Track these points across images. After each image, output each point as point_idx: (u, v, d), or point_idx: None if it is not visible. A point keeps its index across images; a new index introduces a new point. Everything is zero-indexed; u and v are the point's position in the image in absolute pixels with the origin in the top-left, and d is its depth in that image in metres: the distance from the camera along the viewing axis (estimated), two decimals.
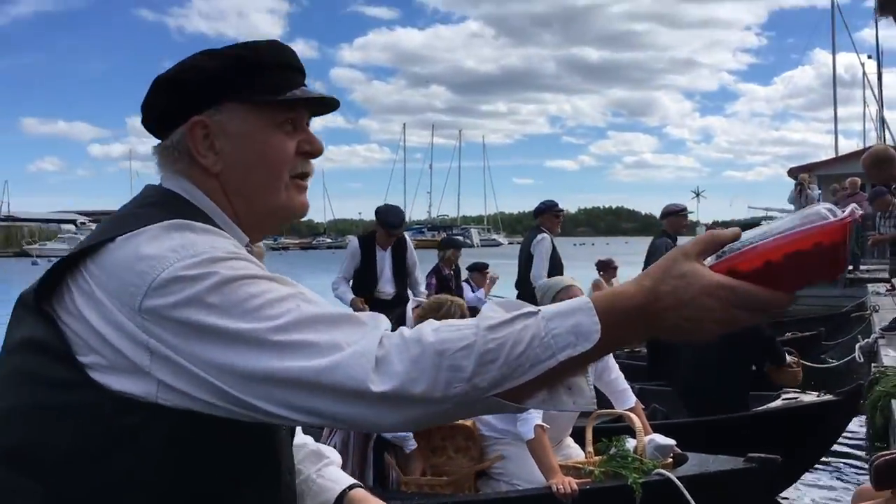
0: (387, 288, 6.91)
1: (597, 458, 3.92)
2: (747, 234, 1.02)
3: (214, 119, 1.26)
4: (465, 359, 1.00)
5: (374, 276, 6.84)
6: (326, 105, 1.34)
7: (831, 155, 33.01)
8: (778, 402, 5.33)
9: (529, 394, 1.05)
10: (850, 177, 16.13)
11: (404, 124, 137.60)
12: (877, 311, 8.01)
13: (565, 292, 4.05)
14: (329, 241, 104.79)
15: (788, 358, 5.75)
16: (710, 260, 1.03)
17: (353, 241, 7.23)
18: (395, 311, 5.82)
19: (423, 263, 7.36)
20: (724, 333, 1.03)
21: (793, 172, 20.79)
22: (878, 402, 3.98)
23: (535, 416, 3.74)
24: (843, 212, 0.99)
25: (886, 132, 37.07)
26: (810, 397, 5.24)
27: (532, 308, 1.05)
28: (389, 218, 6.95)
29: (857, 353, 7.22)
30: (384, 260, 6.87)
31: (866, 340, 7.26)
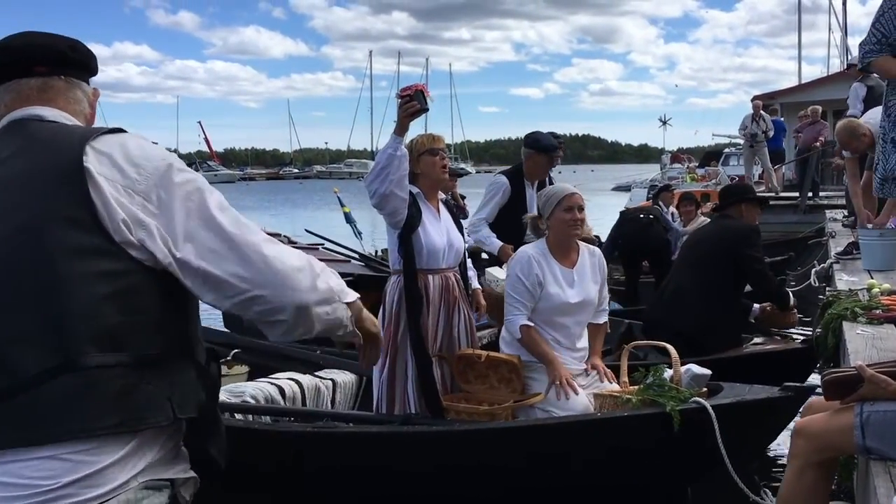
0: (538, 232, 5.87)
1: (633, 387, 3.88)
2: None
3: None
4: None
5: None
6: None
7: (794, 82, 33.20)
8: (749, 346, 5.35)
9: None
10: (812, 104, 16.36)
11: (370, 52, 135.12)
12: (833, 237, 8.25)
13: (567, 199, 4.10)
14: (296, 171, 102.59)
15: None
16: None
17: (500, 177, 6.00)
18: None
19: None
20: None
21: (757, 100, 20.91)
22: (829, 324, 4.22)
23: (517, 318, 4.00)
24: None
25: (849, 58, 37.32)
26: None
27: None
28: (545, 140, 5.97)
29: (812, 279, 7.35)
30: (533, 199, 5.63)
31: (822, 266, 7.37)
